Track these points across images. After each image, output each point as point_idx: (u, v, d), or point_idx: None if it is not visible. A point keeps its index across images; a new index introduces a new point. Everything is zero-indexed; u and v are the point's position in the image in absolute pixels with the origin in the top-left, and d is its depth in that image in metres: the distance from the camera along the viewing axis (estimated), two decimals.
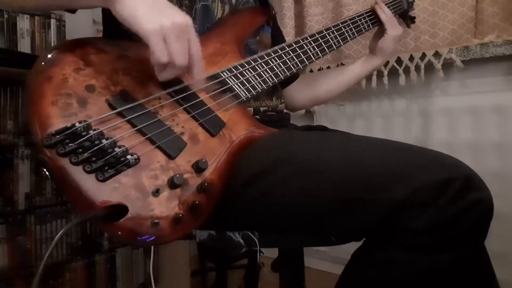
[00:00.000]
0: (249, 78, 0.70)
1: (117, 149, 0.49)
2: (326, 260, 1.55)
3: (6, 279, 1.13)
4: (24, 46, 1.28)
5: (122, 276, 1.43)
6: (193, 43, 0.55)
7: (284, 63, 0.76)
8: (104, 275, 1.38)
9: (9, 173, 1.17)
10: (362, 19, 0.95)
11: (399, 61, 1.36)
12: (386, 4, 0.98)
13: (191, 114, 0.60)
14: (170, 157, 0.54)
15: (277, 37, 0.95)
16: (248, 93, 0.68)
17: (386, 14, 0.95)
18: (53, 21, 1.36)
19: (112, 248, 1.41)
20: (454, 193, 0.49)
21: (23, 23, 1.28)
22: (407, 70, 1.36)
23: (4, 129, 1.16)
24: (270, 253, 0.95)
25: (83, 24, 1.52)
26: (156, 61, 0.52)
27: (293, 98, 1.03)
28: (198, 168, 0.55)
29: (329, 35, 0.87)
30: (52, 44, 1.35)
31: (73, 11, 0.70)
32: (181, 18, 0.53)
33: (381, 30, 0.98)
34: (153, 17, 0.51)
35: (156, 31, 0.51)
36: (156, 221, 0.49)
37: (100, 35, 0.82)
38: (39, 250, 1.22)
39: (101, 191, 0.47)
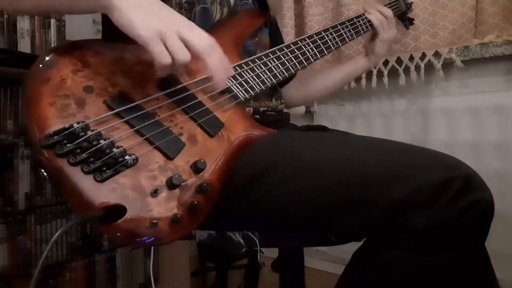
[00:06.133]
0: (248, 79, 0.70)
1: (115, 150, 0.49)
2: (326, 260, 1.55)
3: (6, 279, 1.13)
4: (24, 46, 1.28)
5: (122, 276, 1.43)
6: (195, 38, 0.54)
7: (283, 64, 0.76)
8: (104, 275, 1.38)
9: (9, 173, 1.17)
10: (361, 20, 0.95)
11: (399, 61, 1.36)
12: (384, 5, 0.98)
13: (190, 115, 0.59)
14: (169, 157, 0.54)
15: (276, 39, 0.95)
16: (247, 94, 0.68)
17: (377, 19, 0.95)
18: (53, 21, 1.36)
19: (112, 248, 1.41)
20: (455, 193, 0.49)
21: (23, 23, 1.28)
22: (407, 70, 1.35)
23: (4, 129, 1.16)
24: (270, 253, 0.95)
25: (83, 24, 1.52)
26: (160, 64, 0.51)
27: (286, 95, 1.03)
28: (197, 168, 0.55)
29: (327, 36, 0.87)
30: (52, 44, 1.35)
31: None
32: (178, 20, 0.53)
33: (374, 32, 0.98)
34: (149, 23, 0.50)
35: (154, 37, 0.50)
36: (154, 221, 0.49)
37: (100, 35, 0.82)
38: (39, 250, 1.22)
39: (99, 192, 0.47)
